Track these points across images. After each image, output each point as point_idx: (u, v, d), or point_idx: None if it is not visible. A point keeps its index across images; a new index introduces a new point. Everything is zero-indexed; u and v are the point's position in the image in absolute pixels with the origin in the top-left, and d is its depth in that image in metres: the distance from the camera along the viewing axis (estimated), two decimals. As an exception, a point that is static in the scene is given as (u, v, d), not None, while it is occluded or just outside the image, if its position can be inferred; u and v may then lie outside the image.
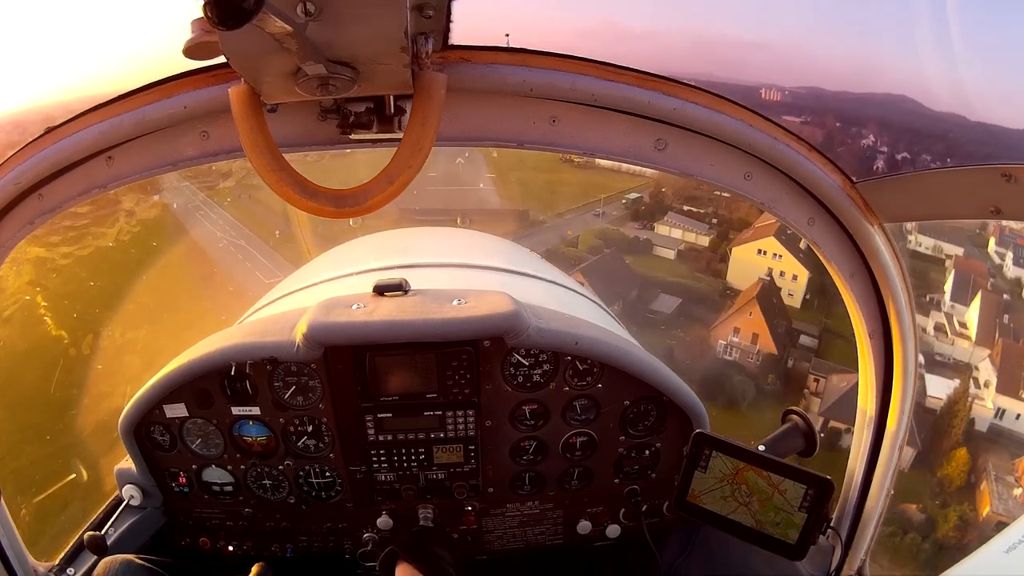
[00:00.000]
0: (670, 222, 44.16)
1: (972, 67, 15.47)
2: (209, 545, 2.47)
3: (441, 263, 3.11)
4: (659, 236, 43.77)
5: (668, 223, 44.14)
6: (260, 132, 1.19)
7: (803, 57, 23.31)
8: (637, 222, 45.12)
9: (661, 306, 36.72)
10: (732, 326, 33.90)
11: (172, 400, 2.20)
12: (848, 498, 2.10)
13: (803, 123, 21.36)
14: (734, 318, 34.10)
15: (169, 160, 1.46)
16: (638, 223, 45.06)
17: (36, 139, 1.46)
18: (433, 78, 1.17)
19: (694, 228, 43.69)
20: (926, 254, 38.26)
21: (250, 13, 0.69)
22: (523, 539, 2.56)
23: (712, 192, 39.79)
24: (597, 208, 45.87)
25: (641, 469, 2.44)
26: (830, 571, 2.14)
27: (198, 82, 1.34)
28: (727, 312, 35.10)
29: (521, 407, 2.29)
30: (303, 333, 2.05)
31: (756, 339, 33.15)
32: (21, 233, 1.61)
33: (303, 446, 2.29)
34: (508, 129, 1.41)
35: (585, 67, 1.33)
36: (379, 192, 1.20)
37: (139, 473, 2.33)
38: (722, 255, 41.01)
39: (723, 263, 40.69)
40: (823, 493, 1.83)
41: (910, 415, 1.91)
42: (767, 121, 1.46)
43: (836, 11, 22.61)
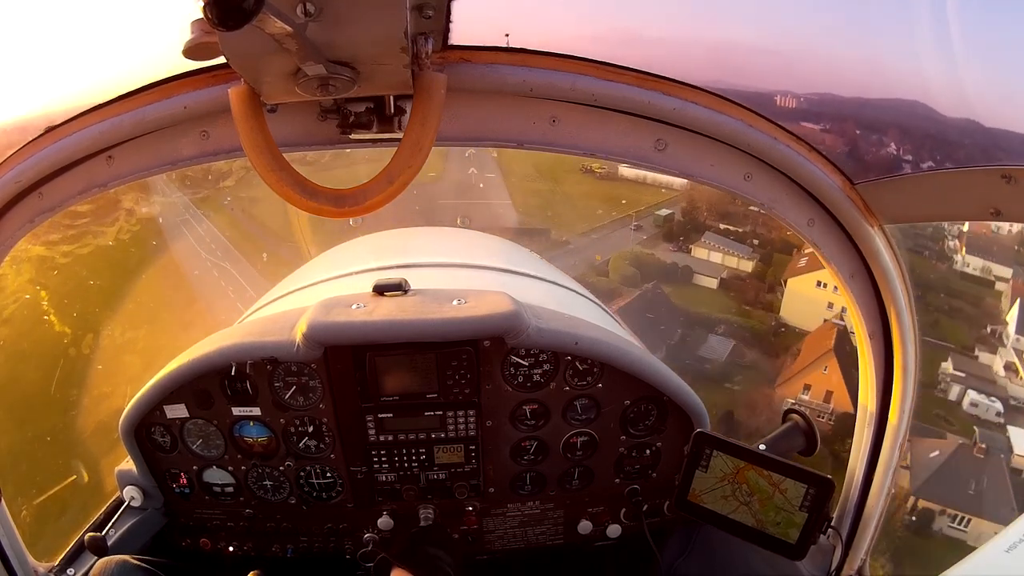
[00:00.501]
0: (708, 244, 38.13)
1: (974, 67, 15.30)
2: (210, 546, 2.47)
3: (441, 263, 3.11)
4: (698, 261, 37.79)
5: (706, 245, 38.14)
6: (260, 132, 1.19)
7: (814, 62, 23.29)
8: (671, 243, 39.06)
9: (712, 351, 30.80)
10: (802, 383, 28.59)
11: (172, 401, 2.20)
12: (849, 498, 2.10)
13: (823, 130, 20.99)
14: (806, 373, 28.67)
15: (169, 160, 1.46)
16: (672, 244, 39.04)
17: (36, 138, 1.46)
18: (433, 78, 1.17)
19: (735, 251, 37.79)
20: (975, 275, 33.81)
21: (250, 13, 0.69)
22: (524, 539, 2.56)
23: (747, 208, 34.69)
24: (630, 223, 40.25)
25: (642, 469, 2.44)
26: (830, 571, 2.14)
27: (198, 82, 1.34)
28: (794, 364, 29.44)
29: (521, 407, 2.29)
30: (303, 333, 2.05)
31: (830, 397, 27.57)
32: (21, 231, 1.62)
33: (304, 447, 2.29)
34: (508, 129, 1.41)
35: (585, 67, 1.33)
36: (379, 192, 1.20)
37: (140, 474, 2.33)
38: (770, 284, 35.72)
39: (772, 293, 35.47)
40: (824, 492, 1.83)
41: (910, 415, 1.91)
42: (767, 122, 1.46)
43: (847, 14, 22.71)
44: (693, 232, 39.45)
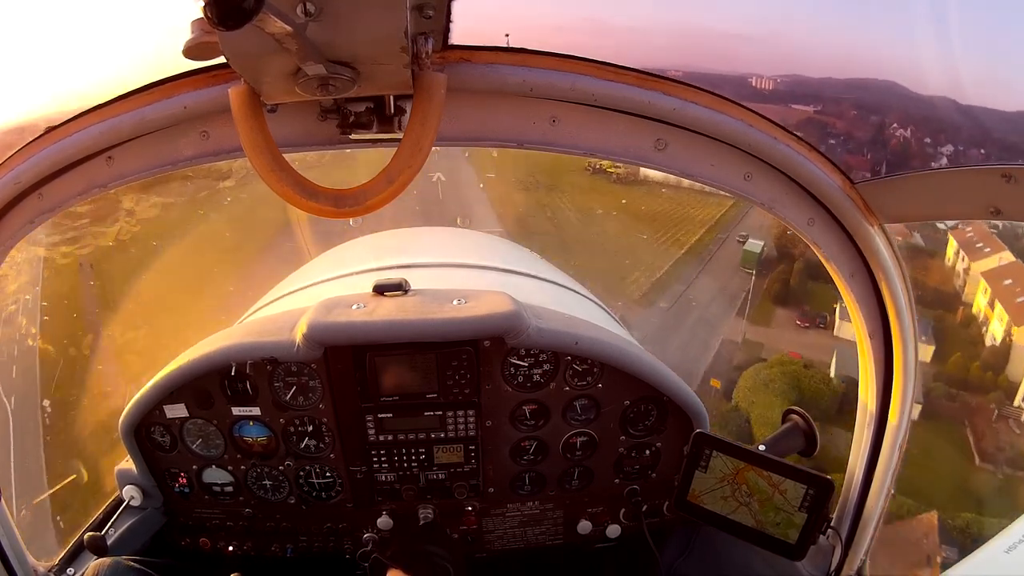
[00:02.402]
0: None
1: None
2: (209, 545, 2.47)
3: (441, 263, 3.11)
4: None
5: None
6: (260, 132, 1.19)
7: (784, 45, 22.12)
8: (794, 310, 24.07)
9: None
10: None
11: (172, 400, 2.20)
12: (848, 498, 2.10)
13: (817, 112, 19.96)
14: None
15: (169, 160, 1.46)
16: (798, 314, 24.12)
17: (36, 139, 1.46)
18: (433, 78, 1.17)
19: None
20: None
21: (250, 13, 0.69)
22: (523, 539, 2.56)
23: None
24: (703, 254, 26.05)
25: (641, 469, 2.44)
26: (830, 571, 2.14)
27: (198, 82, 1.34)
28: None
29: (521, 407, 2.29)
30: (303, 333, 2.05)
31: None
32: (21, 232, 1.62)
33: (303, 446, 2.29)
34: (508, 129, 1.40)
35: (585, 67, 1.33)
36: (379, 192, 1.20)
37: (139, 474, 2.33)
38: (985, 384, 21.25)
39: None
40: (823, 493, 1.83)
41: (910, 415, 1.92)
42: (767, 121, 1.46)
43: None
44: (809, 281, 24.97)
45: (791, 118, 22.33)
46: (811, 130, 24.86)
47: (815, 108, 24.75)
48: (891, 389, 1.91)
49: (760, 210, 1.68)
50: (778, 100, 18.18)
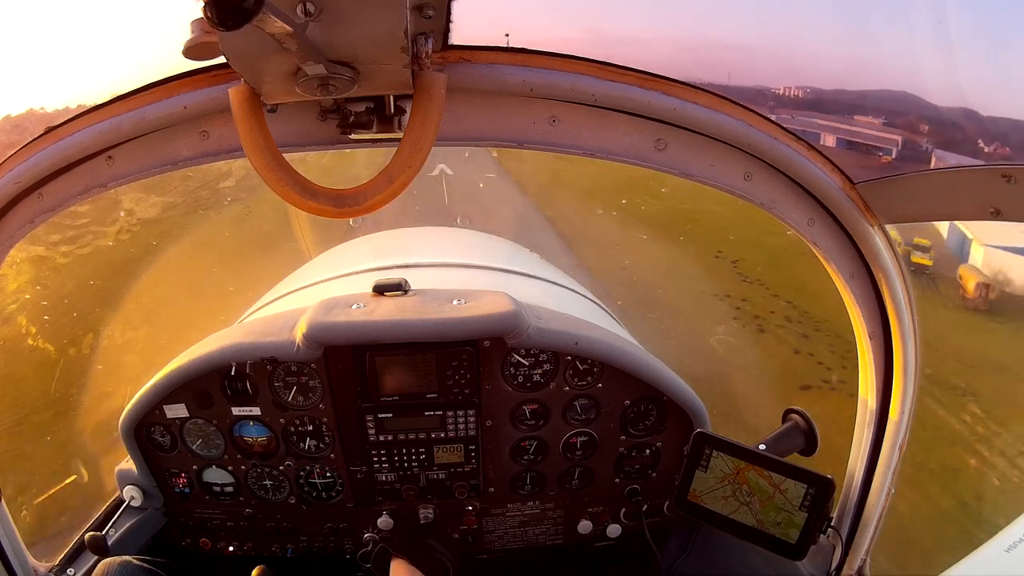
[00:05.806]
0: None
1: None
2: (210, 546, 2.47)
3: (441, 263, 3.12)
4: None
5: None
6: (260, 132, 1.19)
7: (796, 57, 21.72)
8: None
9: None
10: None
11: (172, 400, 2.20)
12: (849, 497, 2.10)
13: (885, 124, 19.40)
14: None
15: (169, 160, 1.46)
16: None
17: (36, 139, 1.46)
18: (433, 78, 1.17)
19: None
20: None
21: (250, 13, 0.69)
22: (523, 539, 2.56)
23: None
24: None
25: (642, 469, 2.44)
26: (830, 571, 2.14)
27: (198, 82, 1.34)
28: None
29: (521, 407, 2.29)
30: (303, 333, 2.05)
31: None
32: (21, 232, 1.61)
33: (304, 446, 2.29)
34: (508, 129, 1.40)
35: (585, 67, 1.33)
36: (379, 192, 1.20)
37: (140, 474, 2.33)
38: None
39: None
40: (824, 492, 1.83)
41: (910, 415, 1.92)
42: (767, 121, 1.46)
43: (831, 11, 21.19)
44: None
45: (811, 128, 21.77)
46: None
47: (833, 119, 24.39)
48: (891, 389, 1.91)
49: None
50: (796, 108, 17.70)
